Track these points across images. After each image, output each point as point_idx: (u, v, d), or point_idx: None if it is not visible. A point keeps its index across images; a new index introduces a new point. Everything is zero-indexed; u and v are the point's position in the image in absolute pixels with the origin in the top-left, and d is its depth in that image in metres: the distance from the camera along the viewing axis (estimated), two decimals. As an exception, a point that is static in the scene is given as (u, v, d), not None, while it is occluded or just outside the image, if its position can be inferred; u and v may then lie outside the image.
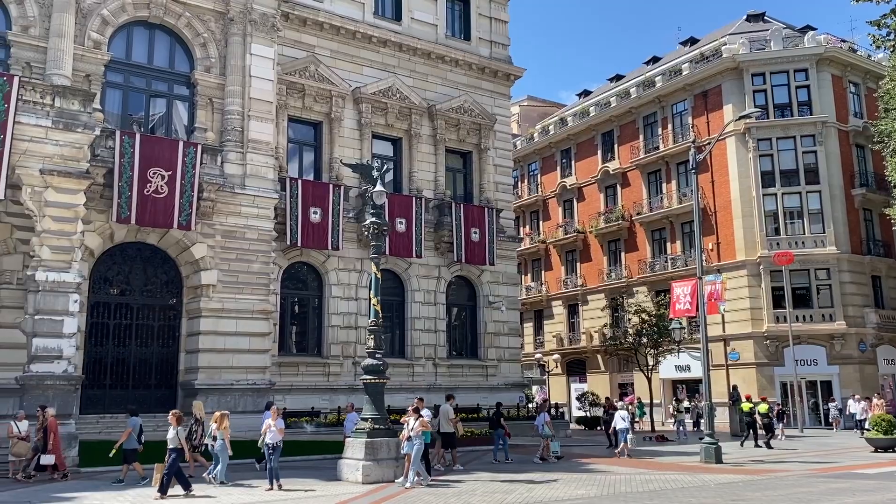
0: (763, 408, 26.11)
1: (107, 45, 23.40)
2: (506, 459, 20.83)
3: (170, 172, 22.33)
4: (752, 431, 25.88)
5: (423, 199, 29.70)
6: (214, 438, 15.97)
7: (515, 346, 33.02)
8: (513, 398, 30.96)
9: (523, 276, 49.98)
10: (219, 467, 15.82)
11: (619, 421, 21.93)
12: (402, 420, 16.19)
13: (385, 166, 20.68)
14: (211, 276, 23.54)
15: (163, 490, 13.80)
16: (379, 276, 17.97)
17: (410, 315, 29.69)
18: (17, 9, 22.06)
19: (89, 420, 20.91)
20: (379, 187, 18.04)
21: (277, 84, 26.26)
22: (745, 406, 26.33)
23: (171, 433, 14.35)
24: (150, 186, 22.06)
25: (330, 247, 27.15)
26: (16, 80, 18.65)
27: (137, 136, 22.24)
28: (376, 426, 16.45)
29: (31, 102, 18.96)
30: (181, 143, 22.92)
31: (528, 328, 50.47)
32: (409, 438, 15.48)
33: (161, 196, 22.20)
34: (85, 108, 19.74)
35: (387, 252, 27.46)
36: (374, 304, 17.65)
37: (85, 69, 22.65)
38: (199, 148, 23.00)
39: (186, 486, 14.08)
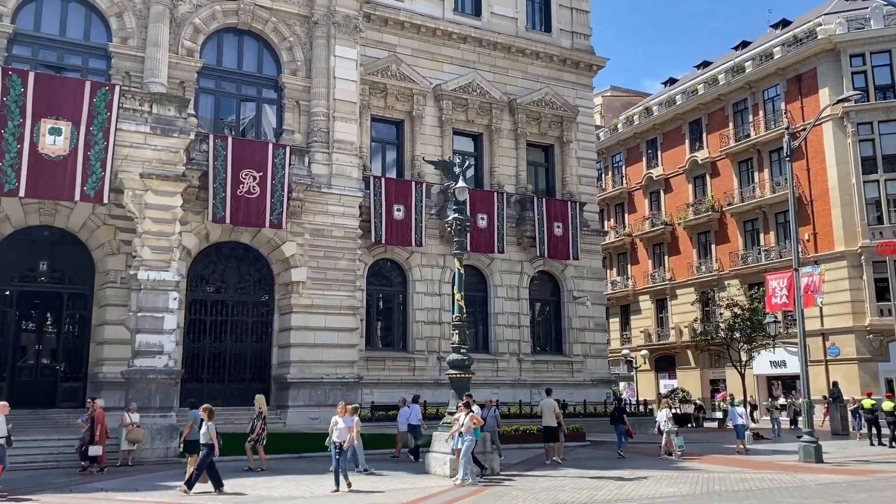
0: (888, 405, 24.31)
1: (199, 53, 24.37)
2: (619, 454, 20.54)
3: (261, 174, 23.08)
4: (875, 429, 24.42)
5: (505, 195, 29.61)
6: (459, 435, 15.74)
7: (601, 342, 32.53)
8: (599, 395, 30.54)
9: (608, 271, 49.15)
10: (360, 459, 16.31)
11: (663, 421, 21.30)
12: (453, 418, 15.82)
13: (467, 162, 20.80)
14: (300, 274, 24.23)
15: (189, 484, 13.54)
16: (462, 271, 18.05)
17: (493, 310, 29.70)
18: (117, 21, 23.26)
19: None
20: (461, 183, 18.09)
21: (360, 84, 26.74)
22: (887, 405, 24.34)
23: (203, 428, 13.99)
24: (243, 187, 22.86)
25: (413, 243, 27.45)
26: (117, 89, 19.64)
27: (229, 140, 23.08)
28: (462, 421, 16.52)
29: (130, 110, 19.94)
30: (271, 146, 23.65)
31: (615, 323, 49.59)
32: (460, 434, 15.14)
33: (253, 196, 22.98)
34: (180, 113, 20.63)
35: (469, 248, 27.52)
36: (458, 300, 17.74)
37: (179, 76, 23.66)
38: (288, 149, 23.67)
39: (218, 484, 13.77)
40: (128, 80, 22.59)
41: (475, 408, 16.10)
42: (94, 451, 16.49)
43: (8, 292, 22.22)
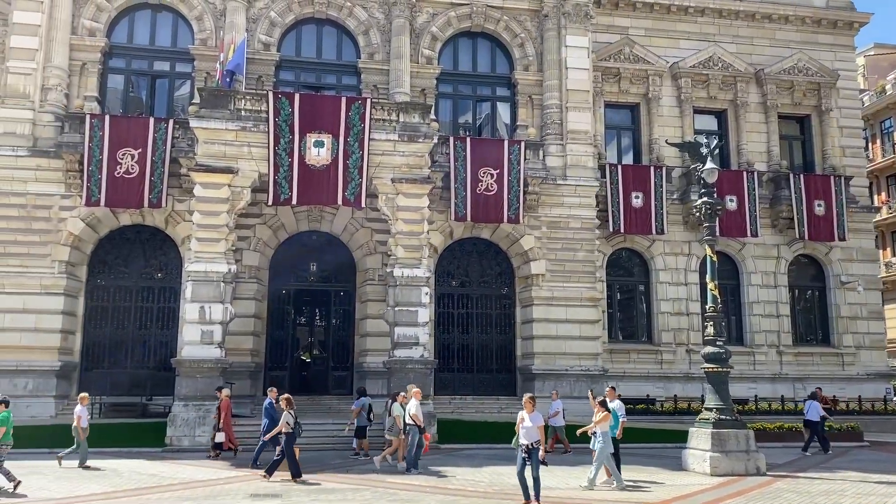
0: None
1: (437, 59, 25.53)
2: None
3: (497, 171, 23.66)
4: None
5: (756, 173, 27.43)
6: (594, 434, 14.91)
7: (878, 332, 28.86)
8: (877, 390, 27.29)
9: (882, 252, 43.58)
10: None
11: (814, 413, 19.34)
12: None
13: (715, 141, 19.52)
14: (539, 266, 24.46)
15: (269, 471, 13.90)
16: (715, 258, 17.01)
17: (747, 299, 27.69)
18: (364, 39, 25.13)
19: (442, 400, 22.98)
20: (709, 164, 17.05)
21: (592, 71, 26.31)
22: None
23: (284, 416, 14.16)
24: (481, 185, 23.60)
25: (654, 231, 26.43)
26: (368, 101, 21.24)
27: (468, 140, 23.94)
28: (722, 416, 15.62)
29: (380, 120, 21.44)
30: (506, 143, 24.13)
31: (892, 311, 43.82)
32: (593, 434, 13.61)
33: (491, 193, 23.63)
34: (424, 119, 21.78)
35: (718, 233, 25.90)
36: (711, 289, 16.74)
37: (420, 84, 24.97)
38: (522, 145, 23.99)
39: (296, 473, 13.92)
40: (376, 93, 24.30)
41: (615, 403, 14.60)
42: (220, 437, 17.09)
43: (285, 291, 24.97)
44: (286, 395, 14.64)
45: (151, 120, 22.30)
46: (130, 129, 22.05)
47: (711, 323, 16.44)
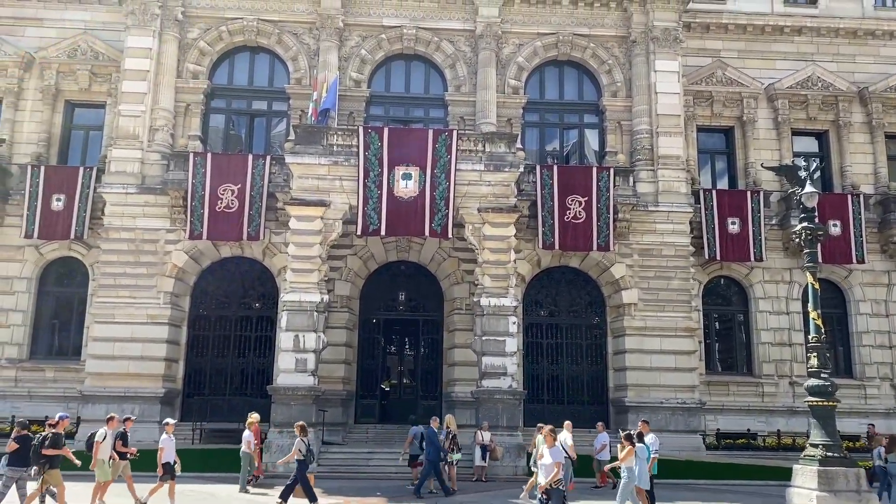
0: None
1: (523, 89, 25.65)
2: None
3: (586, 198, 23.41)
4: None
5: (861, 196, 25.97)
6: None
7: None
8: None
9: None
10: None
11: None
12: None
13: (814, 165, 18.68)
14: (631, 295, 23.92)
15: (283, 496, 14.30)
16: (817, 286, 16.16)
17: (855, 329, 26.12)
18: (451, 72, 25.57)
19: (532, 432, 22.58)
20: (809, 188, 16.30)
21: (683, 95, 25.78)
22: None
23: (296, 444, 14.63)
24: (569, 213, 23.39)
25: (752, 258, 25.38)
26: (454, 133, 21.57)
27: (555, 168, 23.84)
28: (829, 453, 14.67)
29: (466, 150, 21.69)
30: (594, 169, 23.87)
31: None
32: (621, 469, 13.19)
33: (580, 221, 23.38)
34: (510, 149, 21.88)
35: (821, 259, 24.64)
36: (814, 319, 15.87)
37: (506, 114, 25.12)
38: (612, 171, 23.68)
39: (313, 498, 14.28)
40: (462, 124, 24.61)
41: (649, 437, 14.27)
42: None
43: (375, 320, 25.39)
44: (300, 423, 15.24)
45: (250, 157, 23.35)
46: (230, 165, 23.16)
47: (815, 354, 15.56)
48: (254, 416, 17.74)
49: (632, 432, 13.95)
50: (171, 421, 15.36)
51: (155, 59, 24.32)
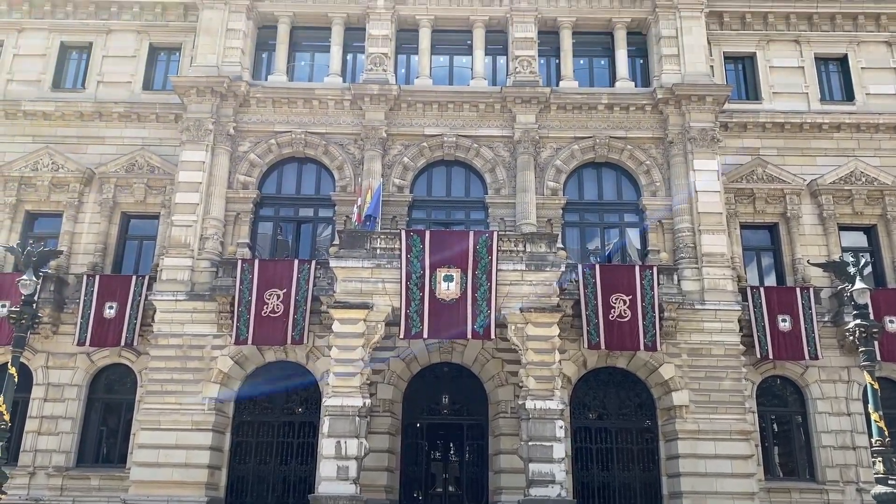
0: None
1: (562, 190, 26.03)
2: None
3: (630, 297, 23.20)
4: None
5: (918, 291, 25.22)
6: None
7: None
8: None
9: None
10: None
11: None
12: None
13: (862, 260, 18.30)
14: (682, 397, 23.21)
15: None
16: (876, 386, 15.53)
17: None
18: (490, 176, 26.18)
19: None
20: (859, 284, 15.97)
21: (724, 193, 25.82)
22: None
23: None
24: (614, 312, 23.14)
25: (807, 356, 24.49)
26: (495, 234, 21.85)
27: (597, 267, 23.79)
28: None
29: (507, 251, 21.87)
30: (637, 268, 23.76)
31: None
32: None
33: (625, 320, 23.09)
34: (550, 248, 22.01)
35: (880, 357, 23.69)
36: (875, 420, 15.20)
37: (546, 214, 25.42)
38: (655, 269, 23.52)
39: None
40: (503, 225, 24.93)
41: None
42: None
43: (418, 425, 24.98)
44: None
45: (296, 262, 23.89)
46: (277, 270, 23.69)
47: (880, 458, 14.80)
48: None
49: None
50: None
51: (207, 172, 25.45)
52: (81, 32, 28.94)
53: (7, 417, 18.66)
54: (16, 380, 19.18)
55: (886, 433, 15.10)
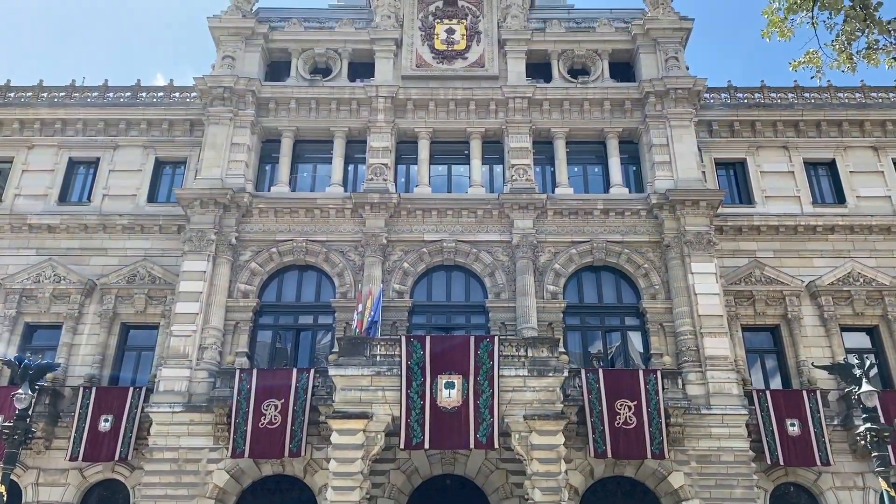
0: None
1: (562, 294, 26.08)
2: None
3: (635, 402, 22.78)
4: None
5: (926, 392, 24.81)
6: None
7: None
8: None
9: None
10: None
11: None
12: None
13: (868, 361, 18.10)
14: (693, 506, 22.40)
15: None
16: (892, 493, 15.01)
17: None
18: (490, 280, 26.31)
19: None
20: (866, 387, 15.73)
21: (724, 296, 25.86)
22: None
23: None
24: (619, 418, 22.66)
25: (818, 462, 23.77)
26: (496, 339, 21.70)
27: (600, 372, 23.47)
28: None
29: (509, 356, 21.66)
30: (641, 372, 23.46)
31: None
32: None
33: (630, 427, 22.57)
34: (552, 353, 21.82)
35: (893, 461, 23.02)
36: (896, 530, 14.59)
37: (547, 318, 25.34)
38: (659, 374, 23.23)
39: None
40: (504, 330, 24.80)
41: None
42: None
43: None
44: None
45: (294, 371, 23.61)
46: (275, 380, 23.36)
47: (905, 572, 14.11)
48: None
49: None
50: None
51: (208, 281, 25.57)
52: (89, 148, 29.88)
53: (-7, 538, 17.94)
54: (4, 498, 18.54)
55: (909, 544, 14.50)
